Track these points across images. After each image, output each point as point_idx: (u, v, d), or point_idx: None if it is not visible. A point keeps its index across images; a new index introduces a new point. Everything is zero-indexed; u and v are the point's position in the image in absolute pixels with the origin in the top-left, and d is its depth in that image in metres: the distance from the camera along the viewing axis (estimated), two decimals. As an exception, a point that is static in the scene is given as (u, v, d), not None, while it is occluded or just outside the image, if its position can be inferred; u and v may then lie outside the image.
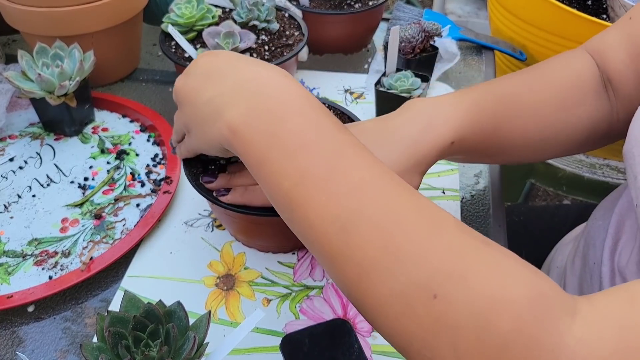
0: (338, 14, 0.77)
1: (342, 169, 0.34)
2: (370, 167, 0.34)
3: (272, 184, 0.35)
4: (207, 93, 0.39)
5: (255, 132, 0.36)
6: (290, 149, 0.35)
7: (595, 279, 0.50)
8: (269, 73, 0.38)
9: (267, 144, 0.35)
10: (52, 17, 0.66)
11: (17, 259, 0.54)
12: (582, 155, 0.96)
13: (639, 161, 0.41)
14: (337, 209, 0.33)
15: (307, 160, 0.34)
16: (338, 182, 0.33)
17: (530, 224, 0.80)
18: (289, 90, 0.37)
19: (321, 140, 0.35)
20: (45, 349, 0.48)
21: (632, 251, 0.46)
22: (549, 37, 0.81)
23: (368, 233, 0.32)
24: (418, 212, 0.32)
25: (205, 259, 0.54)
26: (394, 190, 0.33)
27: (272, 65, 0.40)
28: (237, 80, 0.38)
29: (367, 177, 0.34)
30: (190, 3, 0.67)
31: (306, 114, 0.36)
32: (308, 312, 0.50)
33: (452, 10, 2.09)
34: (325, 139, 0.35)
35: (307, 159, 0.34)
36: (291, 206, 0.35)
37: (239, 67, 0.40)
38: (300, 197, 0.34)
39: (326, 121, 0.36)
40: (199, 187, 0.48)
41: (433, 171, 0.64)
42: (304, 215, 0.34)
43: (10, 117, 0.70)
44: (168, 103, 0.74)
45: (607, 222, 0.51)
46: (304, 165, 0.34)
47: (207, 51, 0.43)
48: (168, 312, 0.40)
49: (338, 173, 0.34)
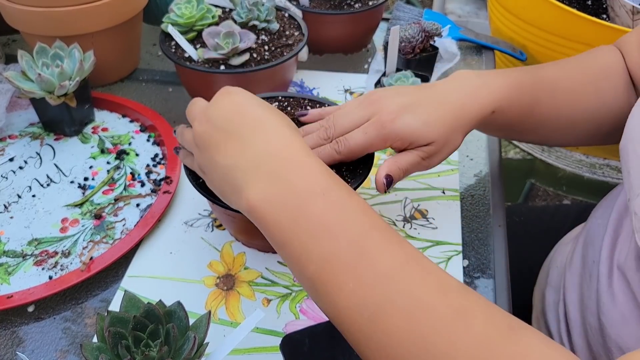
0: (338, 14, 0.77)
1: (368, 255, 0.33)
2: (396, 251, 0.34)
3: (297, 266, 0.35)
4: (226, 158, 0.39)
5: (277, 215, 0.36)
6: (313, 232, 0.34)
7: (594, 277, 0.50)
8: (289, 147, 0.38)
9: (289, 227, 0.35)
10: (52, 17, 0.66)
11: (17, 259, 0.53)
12: (582, 155, 0.96)
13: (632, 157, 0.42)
14: (366, 298, 0.33)
15: (331, 244, 0.34)
16: (365, 269, 0.33)
17: (530, 224, 0.80)
18: (310, 170, 0.37)
19: (345, 223, 0.35)
20: (45, 349, 0.48)
21: (629, 248, 0.46)
22: (549, 37, 0.81)
23: (397, 323, 0.32)
24: (445, 299, 0.32)
25: (205, 259, 0.55)
26: (421, 277, 0.33)
27: (292, 132, 0.40)
28: (256, 152, 0.38)
29: (394, 263, 0.33)
30: (190, 3, 0.67)
31: (328, 196, 0.36)
32: (308, 312, 0.50)
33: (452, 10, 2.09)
34: (349, 223, 0.35)
35: (331, 244, 0.34)
36: (318, 289, 0.34)
37: (258, 131, 0.39)
38: (327, 282, 0.34)
39: (349, 202, 0.36)
40: (199, 186, 0.48)
41: (433, 171, 0.64)
42: (332, 300, 0.34)
43: (10, 117, 0.70)
44: (168, 103, 0.74)
45: (606, 221, 0.51)
46: (329, 249, 0.34)
47: (226, 89, 0.43)
48: (168, 312, 0.40)
49: (364, 259, 0.33)
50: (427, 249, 0.56)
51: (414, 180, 0.63)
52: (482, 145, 0.69)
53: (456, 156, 0.66)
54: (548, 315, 0.59)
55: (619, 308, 0.45)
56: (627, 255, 0.46)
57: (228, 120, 0.40)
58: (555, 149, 0.94)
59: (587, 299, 0.51)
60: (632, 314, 0.44)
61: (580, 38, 0.77)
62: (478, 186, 0.63)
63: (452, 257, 0.55)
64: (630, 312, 0.44)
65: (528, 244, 0.75)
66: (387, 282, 0.33)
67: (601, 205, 0.57)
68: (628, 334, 0.44)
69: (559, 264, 0.62)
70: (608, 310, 0.46)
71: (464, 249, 0.56)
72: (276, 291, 0.52)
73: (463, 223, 0.59)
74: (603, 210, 0.55)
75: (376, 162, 0.65)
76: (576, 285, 0.55)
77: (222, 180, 0.40)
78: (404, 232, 0.58)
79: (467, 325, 0.31)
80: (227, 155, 0.39)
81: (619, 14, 0.77)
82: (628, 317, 0.44)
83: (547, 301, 0.61)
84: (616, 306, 0.45)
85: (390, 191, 0.47)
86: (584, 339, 0.51)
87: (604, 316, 0.47)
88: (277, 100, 0.58)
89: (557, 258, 0.63)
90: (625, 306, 0.45)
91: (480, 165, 0.66)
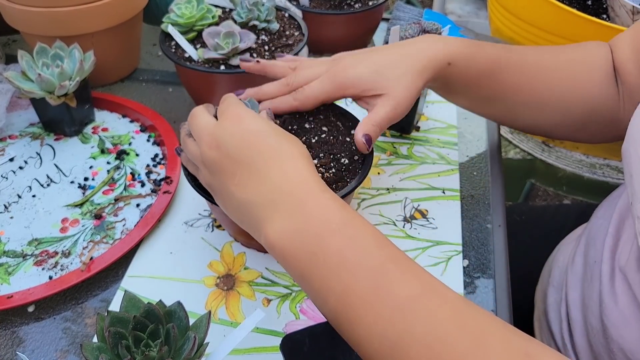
0: (338, 14, 0.77)
1: (386, 288, 0.34)
2: (412, 282, 0.35)
3: (318, 299, 0.36)
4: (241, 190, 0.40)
5: (296, 251, 0.37)
6: (331, 266, 0.35)
7: (596, 277, 0.50)
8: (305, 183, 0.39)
9: (309, 261, 0.36)
10: (52, 17, 0.66)
11: (17, 259, 0.54)
12: (582, 155, 0.96)
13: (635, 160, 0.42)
14: (385, 330, 0.33)
15: (349, 278, 0.35)
16: (383, 301, 0.34)
17: (530, 224, 0.80)
18: (326, 206, 0.38)
19: (361, 258, 0.35)
20: (45, 349, 0.48)
21: (631, 249, 0.46)
22: (549, 38, 0.81)
23: (417, 354, 0.32)
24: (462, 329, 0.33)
25: (205, 259, 0.55)
26: (437, 306, 0.34)
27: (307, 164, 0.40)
28: (273, 188, 0.39)
29: (410, 295, 0.34)
30: (190, 3, 0.67)
31: (345, 231, 0.37)
32: (308, 312, 0.50)
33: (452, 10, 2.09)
34: (366, 257, 0.35)
35: (349, 277, 0.35)
36: (339, 320, 0.35)
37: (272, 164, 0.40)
38: (347, 314, 0.35)
39: (365, 236, 0.37)
40: (198, 188, 0.48)
41: (433, 171, 0.64)
42: (353, 330, 0.35)
43: (10, 117, 0.70)
44: (168, 103, 0.74)
45: (608, 221, 0.51)
46: (347, 282, 0.35)
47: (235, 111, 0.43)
48: (168, 312, 0.40)
49: (382, 291, 0.34)
50: (427, 249, 0.56)
51: (414, 181, 0.63)
52: (483, 145, 0.69)
53: (456, 156, 0.66)
54: (550, 315, 0.59)
55: (621, 309, 0.45)
56: (628, 257, 0.46)
57: (241, 150, 0.41)
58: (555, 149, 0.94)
59: (588, 299, 0.51)
60: (634, 315, 0.44)
61: (581, 38, 0.76)
62: (478, 186, 0.63)
63: (452, 257, 0.55)
64: (632, 314, 0.44)
65: (528, 243, 0.75)
66: (405, 314, 0.33)
67: (603, 205, 0.57)
68: (630, 335, 0.44)
69: (560, 263, 0.62)
70: (610, 312, 0.46)
71: (464, 249, 0.56)
72: (276, 291, 0.52)
73: (463, 223, 0.59)
74: (605, 211, 0.55)
75: (376, 162, 0.66)
76: (578, 285, 0.55)
77: (238, 211, 0.41)
78: (404, 232, 0.58)
79: (485, 355, 0.31)
80: (242, 187, 0.40)
81: (619, 14, 0.77)
82: (630, 318, 0.44)
83: (549, 301, 0.61)
84: (618, 307, 0.45)
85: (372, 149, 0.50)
86: (585, 339, 0.51)
87: (606, 318, 0.47)
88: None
89: (559, 257, 0.63)
90: (627, 308, 0.45)
91: (480, 165, 0.66)
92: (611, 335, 0.46)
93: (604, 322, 0.47)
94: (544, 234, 0.74)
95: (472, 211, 0.60)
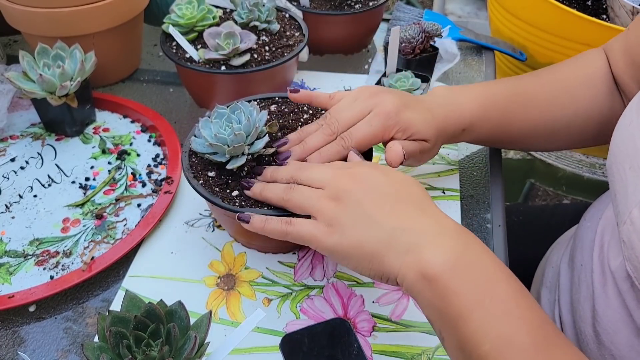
0: (338, 15, 0.77)
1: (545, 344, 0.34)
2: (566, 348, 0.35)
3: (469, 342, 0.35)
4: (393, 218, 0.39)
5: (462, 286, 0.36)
6: (495, 313, 0.35)
7: (583, 280, 0.50)
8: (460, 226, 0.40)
9: (474, 300, 0.35)
10: (53, 18, 0.67)
11: (19, 258, 0.54)
12: (582, 155, 0.96)
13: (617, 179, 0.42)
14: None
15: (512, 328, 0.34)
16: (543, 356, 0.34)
17: (529, 224, 0.80)
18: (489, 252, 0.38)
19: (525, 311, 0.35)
20: (46, 348, 0.48)
21: (618, 257, 0.46)
22: (549, 38, 0.81)
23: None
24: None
25: (206, 259, 0.55)
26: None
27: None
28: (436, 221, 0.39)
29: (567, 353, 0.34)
30: (191, 4, 0.67)
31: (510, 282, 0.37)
32: (309, 312, 0.50)
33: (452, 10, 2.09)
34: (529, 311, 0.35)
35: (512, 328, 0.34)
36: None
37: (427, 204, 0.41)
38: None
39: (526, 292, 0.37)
40: (199, 188, 0.48)
41: (433, 171, 0.64)
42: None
43: (11, 117, 0.70)
44: (169, 103, 0.74)
45: (595, 225, 0.51)
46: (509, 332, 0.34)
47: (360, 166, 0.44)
48: (169, 312, 0.40)
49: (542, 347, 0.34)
50: (427, 249, 0.56)
51: (414, 181, 0.63)
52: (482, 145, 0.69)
53: (456, 156, 0.66)
54: None
55: (612, 317, 0.45)
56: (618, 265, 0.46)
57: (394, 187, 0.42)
58: (555, 149, 0.94)
59: (576, 303, 0.51)
60: (624, 321, 0.44)
61: (580, 38, 0.77)
62: (478, 186, 0.63)
63: (452, 257, 0.55)
64: (622, 319, 0.44)
65: (527, 243, 0.75)
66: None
67: (591, 209, 0.57)
68: (621, 342, 0.44)
69: (554, 264, 0.62)
70: (602, 319, 0.46)
71: (463, 249, 0.56)
72: (277, 291, 0.52)
73: (463, 223, 0.59)
74: (592, 214, 0.55)
75: (376, 163, 0.66)
76: (568, 288, 0.55)
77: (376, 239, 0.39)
78: (404, 232, 0.58)
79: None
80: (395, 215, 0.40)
81: (619, 14, 0.78)
82: (620, 324, 0.45)
83: (542, 302, 0.61)
84: (610, 314, 0.46)
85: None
86: (576, 344, 0.51)
87: (598, 324, 0.47)
88: (274, 101, 0.58)
89: (553, 258, 0.64)
90: (618, 314, 0.45)
91: (480, 165, 0.66)
92: (603, 341, 0.46)
93: (596, 329, 0.47)
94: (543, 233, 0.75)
95: (472, 211, 0.60)
